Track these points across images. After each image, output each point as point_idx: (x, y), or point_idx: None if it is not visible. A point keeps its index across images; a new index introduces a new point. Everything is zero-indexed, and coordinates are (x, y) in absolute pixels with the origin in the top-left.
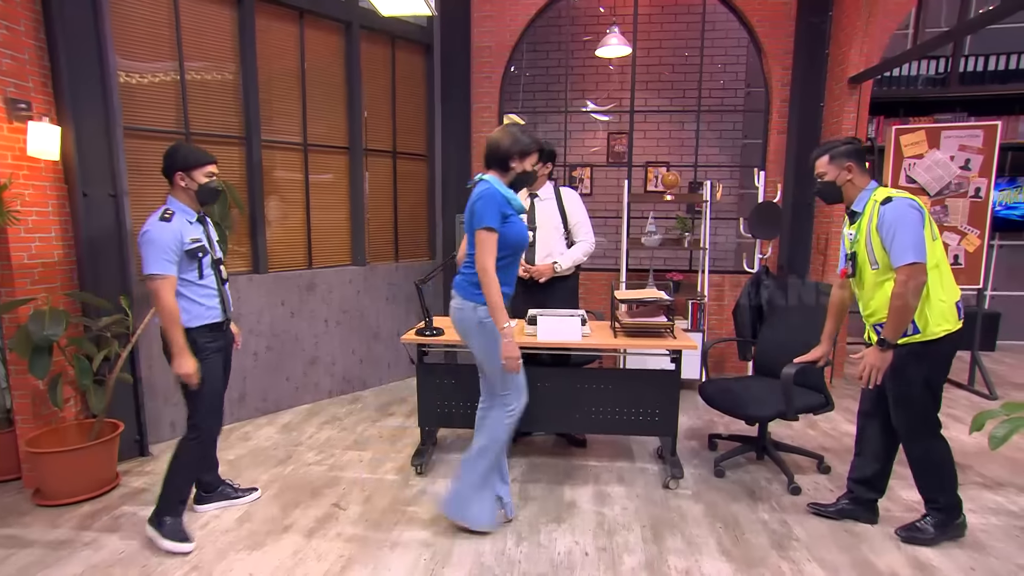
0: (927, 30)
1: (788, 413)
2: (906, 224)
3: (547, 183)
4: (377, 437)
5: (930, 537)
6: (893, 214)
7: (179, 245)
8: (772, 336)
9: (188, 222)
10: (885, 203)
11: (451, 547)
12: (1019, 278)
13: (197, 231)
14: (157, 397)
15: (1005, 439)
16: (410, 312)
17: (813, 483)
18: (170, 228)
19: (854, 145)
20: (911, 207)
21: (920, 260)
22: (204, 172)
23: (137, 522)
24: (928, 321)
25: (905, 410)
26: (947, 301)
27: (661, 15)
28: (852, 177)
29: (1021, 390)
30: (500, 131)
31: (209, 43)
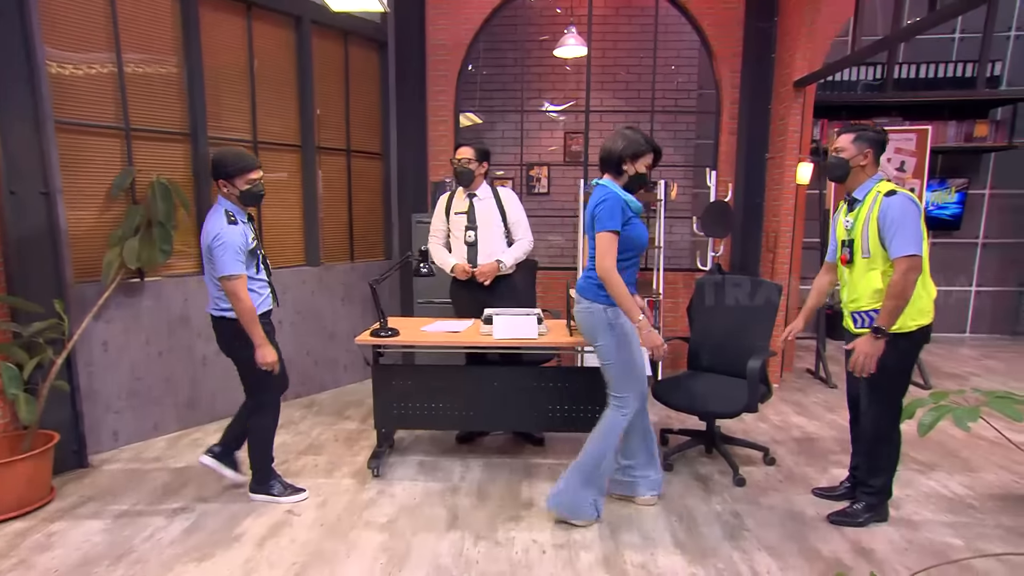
0: (864, 38)
1: (751, 406)
2: (909, 218)
3: (483, 183)
4: (333, 440)
5: (861, 520)
6: (899, 208)
7: (245, 245)
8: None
9: (243, 222)
10: (890, 195)
11: (408, 550)
12: (949, 274)
13: (251, 230)
14: (97, 405)
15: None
16: (367, 313)
17: (764, 474)
18: (239, 231)
19: (880, 135)
20: (913, 203)
21: (919, 254)
22: (245, 180)
23: (73, 538)
24: (907, 316)
25: (877, 397)
26: (926, 298)
27: (616, 16)
28: (866, 164)
29: (953, 379)
30: (613, 135)
31: (149, 34)
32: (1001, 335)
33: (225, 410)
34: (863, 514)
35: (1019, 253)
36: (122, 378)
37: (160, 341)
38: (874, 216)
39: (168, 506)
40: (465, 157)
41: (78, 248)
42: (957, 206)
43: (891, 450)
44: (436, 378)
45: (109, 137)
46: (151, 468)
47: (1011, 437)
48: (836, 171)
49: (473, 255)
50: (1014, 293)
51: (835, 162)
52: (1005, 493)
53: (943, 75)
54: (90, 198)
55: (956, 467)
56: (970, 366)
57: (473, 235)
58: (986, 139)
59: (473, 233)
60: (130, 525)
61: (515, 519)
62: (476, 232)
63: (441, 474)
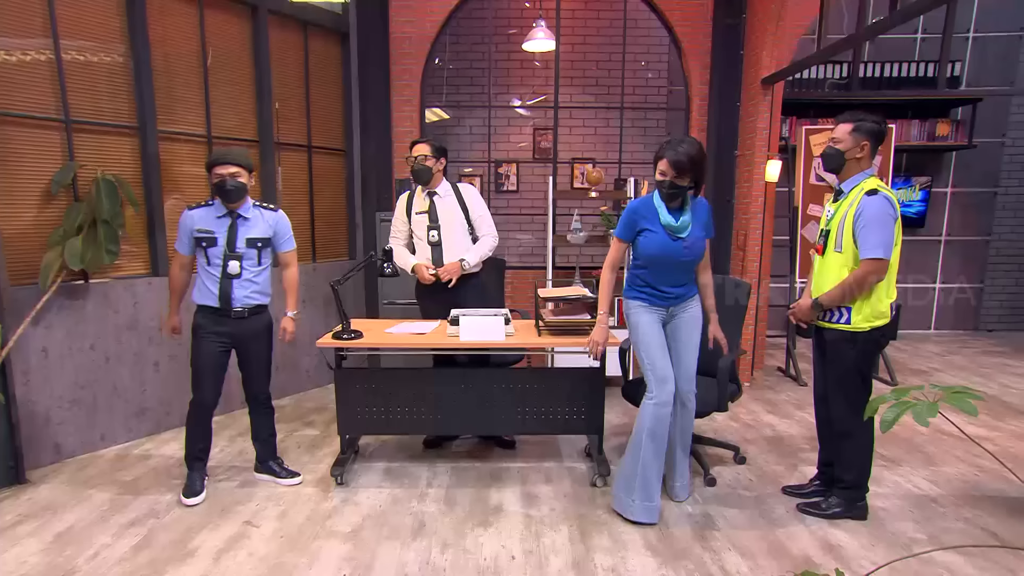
0: (828, 36)
1: (722, 405)
2: (883, 222)
3: (443, 180)
4: (295, 447)
5: (829, 513)
6: (875, 209)
7: (191, 230)
8: None
9: (215, 216)
10: (871, 194)
11: (372, 560)
12: (914, 270)
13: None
14: (36, 417)
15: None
16: (329, 315)
17: (735, 473)
18: (192, 215)
19: (879, 126)
20: (891, 205)
21: (887, 258)
22: (214, 174)
23: (8, 560)
24: (861, 315)
25: (840, 392)
26: (884, 302)
27: (584, 10)
28: (862, 156)
29: (918, 375)
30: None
31: (90, 19)
32: (964, 331)
33: (180, 419)
34: (833, 507)
35: (980, 250)
36: (64, 387)
37: (107, 346)
38: (851, 212)
39: (115, 522)
40: (422, 154)
41: (13, 249)
42: (921, 204)
43: (858, 445)
44: (402, 382)
45: (48, 129)
46: (97, 482)
47: (969, 431)
48: (831, 162)
49: (438, 255)
50: (976, 290)
51: (831, 153)
52: (966, 487)
53: (906, 74)
54: (26, 195)
55: (920, 462)
56: (934, 362)
57: (436, 234)
58: (948, 138)
59: (436, 232)
60: (72, 544)
61: (484, 525)
62: (439, 231)
63: (407, 480)
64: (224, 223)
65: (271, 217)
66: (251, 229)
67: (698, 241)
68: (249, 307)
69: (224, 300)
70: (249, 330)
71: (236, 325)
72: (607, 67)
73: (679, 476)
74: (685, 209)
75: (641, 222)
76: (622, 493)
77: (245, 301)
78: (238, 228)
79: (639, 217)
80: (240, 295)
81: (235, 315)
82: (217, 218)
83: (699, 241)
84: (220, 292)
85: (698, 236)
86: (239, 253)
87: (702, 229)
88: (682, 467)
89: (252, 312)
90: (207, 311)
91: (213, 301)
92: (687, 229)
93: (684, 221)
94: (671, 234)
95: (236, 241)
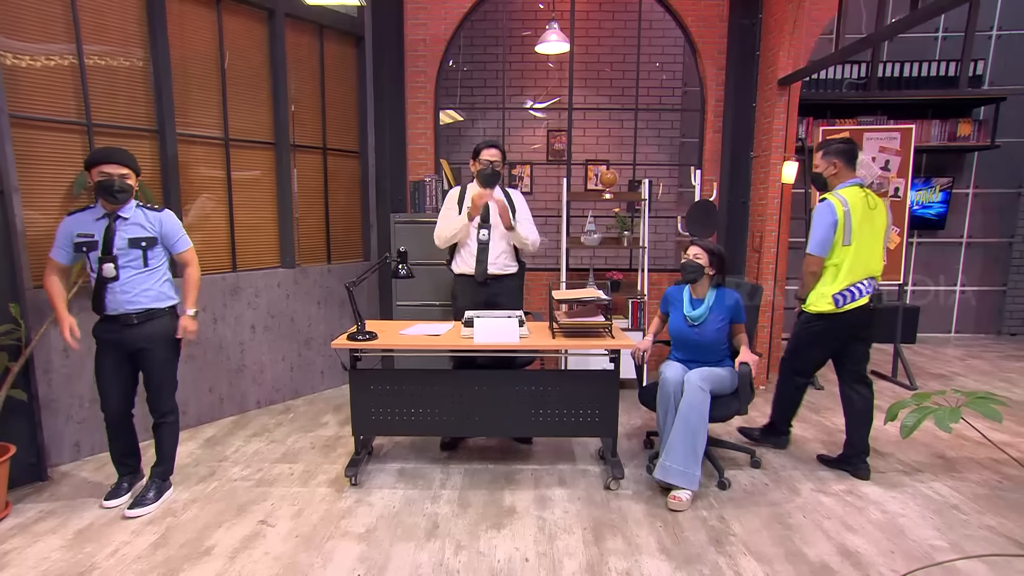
0: (847, 36)
1: (742, 408)
2: (818, 223)
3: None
4: (309, 448)
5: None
6: (816, 213)
7: (69, 236)
8: None
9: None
10: (821, 201)
11: (386, 561)
12: (934, 273)
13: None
14: (58, 415)
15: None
16: (344, 316)
17: (750, 477)
18: (68, 220)
19: (846, 145)
20: (830, 212)
21: (814, 253)
22: (97, 171)
23: (30, 556)
24: (810, 300)
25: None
26: (827, 294)
27: (599, 12)
28: (837, 172)
29: (938, 379)
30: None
31: (112, 24)
32: (986, 335)
33: (196, 418)
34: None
35: (1002, 252)
36: (84, 386)
37: None
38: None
39: (134, 520)
40: (497, 160)
41: (36, 249)
42: (942, 205)
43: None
44: (416, 383)
45: (70, 133)
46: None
47: (993, 437)
48: (817, 184)
49: (484, 254)
50: (998, 292)
51: (814, 176)
52: (989, 494)
53: (926, 74)
54: (49, 197)
55: (941, 468)
56: (955, 366)
57: (487, 234)
58: (969, 138)
59: (487, 232)
60: (92, 541)
61: (497, 527)
62: (489, 231)
63: (421, 482)
64: (102, 225)
65: (155, 217)
66: (132, 229)
67: (714, 330)
68: (136, 312)
69: (98, 306)
70: (141, 336)
71: (127, 332)
72: (621, 68)
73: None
74: (703, 304)
75: (669, 306)
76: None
77: (126, 306)
78: (116, 229)
79: (668, 302)
80: (120, 299)
81: (123, 321)
82: (95, 220)
83: (715, 330)
84: (95, 298)
85: (714, 326)
86: (114, 256)
87: (722, 317)
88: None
89: (143, 317)
90: (100, 318)
91: (99, 307)
92: (702, 319)
93: (701, 312)
94: (688, 320)
95: (113, 243)
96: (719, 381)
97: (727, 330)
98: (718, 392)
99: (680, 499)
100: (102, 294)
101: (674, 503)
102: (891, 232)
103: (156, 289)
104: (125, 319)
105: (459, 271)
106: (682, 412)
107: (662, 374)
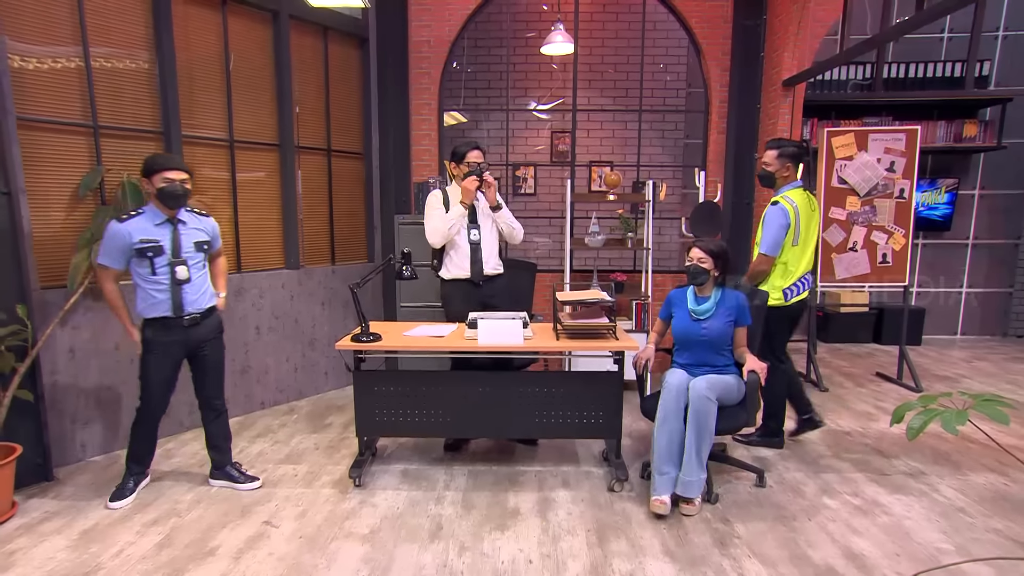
0: (852, 37)
1: (750, 419)
2: (769, 226)
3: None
4: (313, 449)
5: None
6: (769, 215)
7: (127, 243)
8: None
9: (153, 224)
10: (773, 204)
11: (390, 562)
12: (940, 275)
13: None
14: (64, 416)
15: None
16: (348, 317)
17: (754, 478)
18: (123, 228)
19: (799, 149)
20: (783, 216)
21: (768, 254)
22: (160, 177)
23: (36, 556)
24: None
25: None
26: (778, 288)
27: (603, 13)
28: (788, 174)
29: (943, 381)
30: None
31: (118, 27)
32: (991, 336)
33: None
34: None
35: (1009, 254)
36: (90, 387)
37: (130, 347)
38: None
39: (138, 520)
40: (484, 162)
41: (43, 251)
42: (947, 206)
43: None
44: (419, 384)
45: (76, 135)
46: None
47: (999, 439)
48: (765, 181)
49: (478, 255)
50: (1004, 294)
51: (763, 173)
52: (996, 496)
53: (932, 75)
54: (56, 199)
55: (947, 471)
56: (961, 368)
57: (477, 234)
58: (975, 139)
59: (477, 232)
60: (97, 541)
61: (501, 528)
62: (479, 231)
63: (425, 483)
64: (165, 230)
65: (205, 222)
66: (193, 233)
67: (720, 325)
68: (201, 311)
69: (177, 308)
70: (202, 334)
71: (188, 332)
72: (625, 70)
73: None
74: (709, 300)
75: (673, 307)
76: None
77: (197, 305)
78: (181, 234)
79: (672, 304)
80: (192, 300)
81: (188, 322)
82: (156, 226)
83: (721, 325)
84: (172, 301)
85: (721, 321)
86: (184, 259)
87: (728, 315)
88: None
89: (204, 316)
90: (156, 323)
91: (165, 311)
92: (708, 314)
93: (708, 307)
94: (693, 316)
95: (181, 247)
96: (726, 389)
97: (732, 330)
98: (724, 401)
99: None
100: (179, 297)
101: (687, 509)
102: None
103: (209, 287)
104: (191, 319)
105: (450, 276)
106: (691, 424)
107: (665, 382)
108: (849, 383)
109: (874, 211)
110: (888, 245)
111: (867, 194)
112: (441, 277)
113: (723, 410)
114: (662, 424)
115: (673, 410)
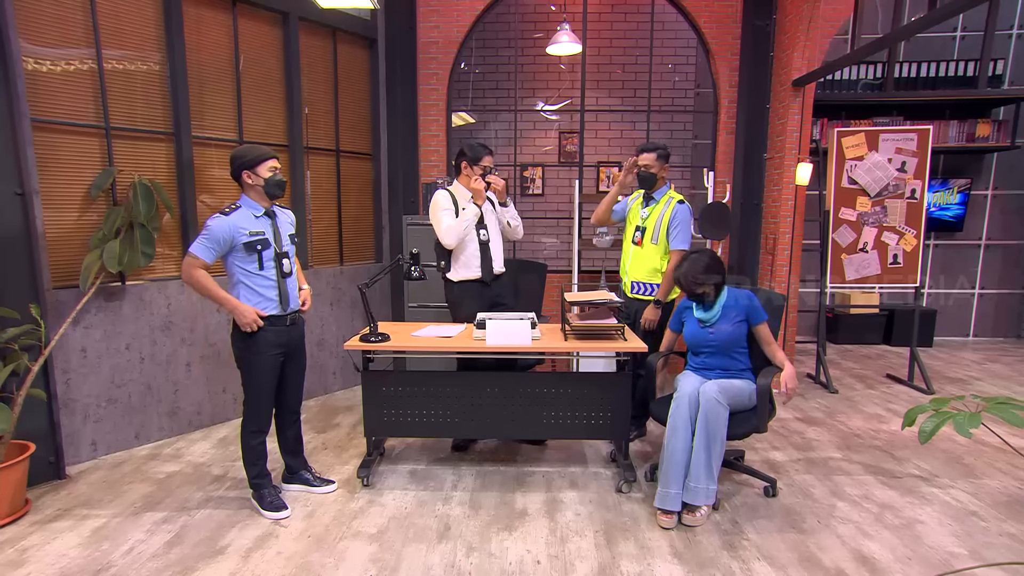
0: (863, 36)
1: (760, 426)
2: (685, 223)
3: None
4: (321, 448)
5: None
6: (683, 214)
7: (230, 236)
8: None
9: (254, 216)
10: (680, 203)
11: (398, 562)
12: (952, 276)
13: (260, 224)
14: (75, 415)
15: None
16: (356, 318)
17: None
18: (227, 221)
19: (668, 151)
20: (691, 214)
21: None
22: (266, 167)
23: (48, 553)
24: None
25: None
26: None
27: (611, 14)
28: (665, 175)
29: (955, 384)
30: None
31: (131, 30)
32: (1005, 338)
33: (210, 418)
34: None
35: (1022, 254)
36: (101, 386)
37: (142, 347)
38: (667, 215)
39: (149, 519)
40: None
41: (55, 251)
42: (959, 207)
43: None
44: (427, 384)
45: (88, 136)
46: (131, 479)
47: (1013, 443)
48: (647, 182)
49: (487, 255)
50: (1018, 295)
51: (646, 175)
52: (1009, 500)
53: (944, 74)
54: (68, 199)
55: (959, 474)
56: (973, 370)
57: (486, 233)
58: (988, 139)
59: (486, 232)
60: (108, 539)
61: (509, 529)
62: (487, 230)
63: (433, 483)
64: (266, 222)
65: (291, 214)
66: (286, 225)
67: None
68: (297, 309)
69: (284, 302)
70: (298, 335)
71: (290, 332)
72: (633, 70)
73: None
74: (715, 306)
75: (683, 315)
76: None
77: (296, 303)
78: (279, 225)
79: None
80: (293, 296)
81: (289, 320)
82: (256, 218)
83: (731, 328)
84: (280, 295)
85: (729, 324)
86: (286, 251)
87: (737, 316)
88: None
89: (297, 315)
90: (267, 320)
91: (274, 308)
92: (714, 319)
93: (712, 314)
94: (701, 323)
95: (282, 238)
96: (736, 395)
97: (745, 330)
98: (735, 407)
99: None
100: (285, 290)
101: (689, 519)
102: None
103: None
104: (292, 318)
105: (460, 278)
106: (700, 429)
107: (678, 386)
108: (859, 385)
109: (885, 212)
110: (899, 246)
111: (878, 195)
112: (449, 279)
113: (733, 416)
114: (671, 436)
115: (683, 421)
